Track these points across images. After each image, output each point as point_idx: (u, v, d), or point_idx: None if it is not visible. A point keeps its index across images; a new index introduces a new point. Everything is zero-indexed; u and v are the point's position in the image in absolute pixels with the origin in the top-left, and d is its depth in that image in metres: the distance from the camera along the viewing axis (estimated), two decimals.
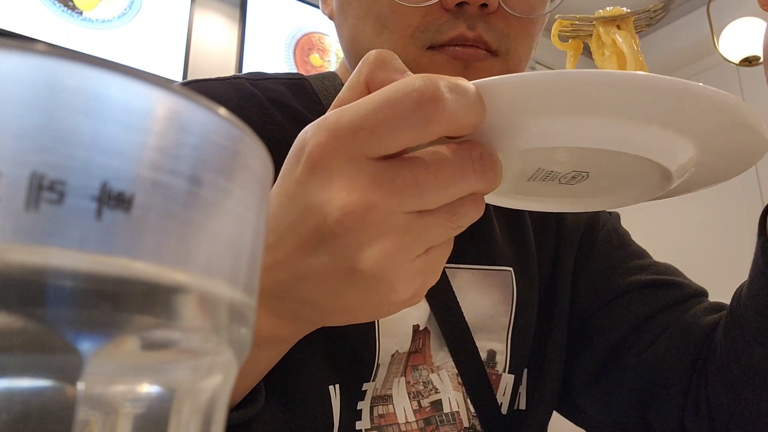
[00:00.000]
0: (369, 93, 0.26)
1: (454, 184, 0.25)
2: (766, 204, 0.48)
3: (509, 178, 0.34)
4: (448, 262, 0.53)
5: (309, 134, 0.25)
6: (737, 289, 0.50)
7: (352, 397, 0.48)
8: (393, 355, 0.50)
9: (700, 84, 0.25)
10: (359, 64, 0.27)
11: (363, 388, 0.49)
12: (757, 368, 0.46)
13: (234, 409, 0.34)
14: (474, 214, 0.27)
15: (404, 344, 0.50)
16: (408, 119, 0.23)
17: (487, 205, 0.58)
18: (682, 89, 0.24)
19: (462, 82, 0.25)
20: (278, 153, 0.25)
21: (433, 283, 0.28)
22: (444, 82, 0.24)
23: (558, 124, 0.26)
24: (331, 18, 0.56)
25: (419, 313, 0.51)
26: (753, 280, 0.46)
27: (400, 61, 0.27)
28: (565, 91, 0.25)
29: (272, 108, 0.51)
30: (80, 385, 0.09)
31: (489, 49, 0.46)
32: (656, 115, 0.26)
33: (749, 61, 2.14)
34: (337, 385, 0.47)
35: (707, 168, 0.32)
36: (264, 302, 0.28)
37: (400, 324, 0.50)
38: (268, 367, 0.34)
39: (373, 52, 0.27)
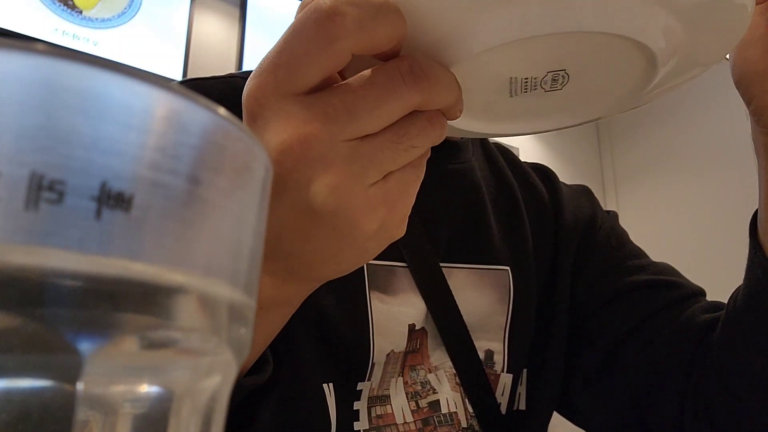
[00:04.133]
0: None
1: (386, 101, 0.24)
2: (754, 211, 0.47)
3: (487, 98, 0.32)
4: (443, 261, 0.53)
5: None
6: (732, 295, 0.50)
7: (347, 396, 0.48)
8: (388, 355, 0.50)
9: None
10: None
11: (358, 388, 0.48)
12: (758, 377, 0.46)
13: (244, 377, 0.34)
14: (431, 134, 0.26)
15: (400, 343, 0.50)
16: (313, 42, 0.23)
17: (484, 204, 0.58)
18: None
19: None
20: None
21: (404, 213, 0.27)
22: None
23: (508, 12, 0.24)
24: None
25: (415, 312, 0.51)
26: (750, 292, 0.46)
27: None
28: None
29: None
30: (80, 385, 0.09)
31: None
32: None
33: None
34: (331, 384, 0.47)
35: (691, 51, 0.29)
36: None
37: (394, 323, 0.50)
38: (274, 332, 0.34)
39: None
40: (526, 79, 0.30)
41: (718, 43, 0.30)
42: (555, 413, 0.60)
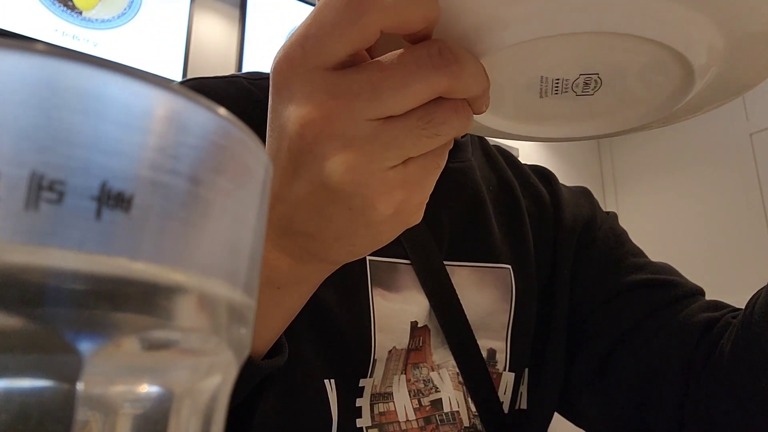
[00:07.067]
0: None
1: (412, 82, 0.23)
2: None
3: (517, 96, 0.32)
4: (445, 259, 0.54)
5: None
6: (749, 302, 0.48)
7: (349, 392, 0.48)
8: (390, 351, 0.50)
9: None
10: None
11: (360, 384, 0.48)
12: None
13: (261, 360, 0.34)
14: (456, 123, 0.25)
15: (402, 341, 0.50)
16: (342, 15, 0.23)
17: (485, 203, 0.58)
18: None
19: None
20: None
21: (422, 200, 0.27)
22: None
23: (546, 5, 0.24)
24: None
25: (418, 309, 0.51)
26: None
27: None
28: None
29: None
30: (80, 386, 0.09)
31: None
32: None
33: None
34: (333, 380, 0.47)
35: (730, 68, 0.28)
36: (275, 241, 0.28)
37: (396, 320, 0.50)
38: (292, 313, 0.34)
39: None
40: (557, 80, 0.29)
41: (756, 70, 0.29)
42: (555, 413, 0.60)
